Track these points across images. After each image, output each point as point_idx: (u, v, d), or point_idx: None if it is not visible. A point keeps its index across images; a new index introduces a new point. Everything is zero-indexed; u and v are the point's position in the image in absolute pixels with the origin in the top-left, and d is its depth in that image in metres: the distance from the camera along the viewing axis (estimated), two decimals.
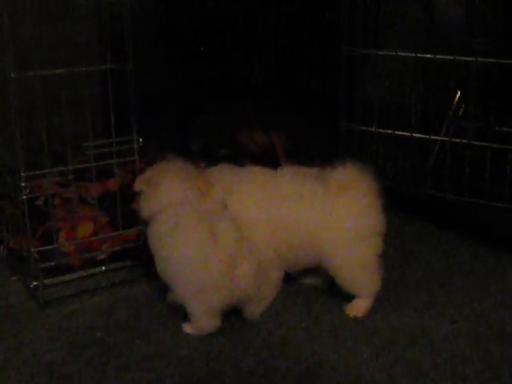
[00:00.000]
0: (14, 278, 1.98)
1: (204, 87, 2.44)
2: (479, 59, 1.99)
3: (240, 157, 2.42)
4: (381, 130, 2.22)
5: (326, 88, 2.37)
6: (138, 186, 1.81)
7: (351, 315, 1.79)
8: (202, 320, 1.70)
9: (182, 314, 1.76)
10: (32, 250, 1.84)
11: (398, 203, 2.29)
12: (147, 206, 1.79)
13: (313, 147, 1.79)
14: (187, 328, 1.72)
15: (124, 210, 2.01)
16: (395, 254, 2.13)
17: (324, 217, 1.76)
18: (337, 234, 1.76)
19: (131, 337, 1.70)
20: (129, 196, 2.15)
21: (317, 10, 2.40)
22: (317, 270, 1.84)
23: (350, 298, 1.82)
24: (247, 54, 2.49)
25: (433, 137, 2.15)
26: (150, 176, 1.79)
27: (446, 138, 2.13)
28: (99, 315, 1.80)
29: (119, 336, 1.71)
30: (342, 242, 1.76)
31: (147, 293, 1.91)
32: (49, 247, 1.90)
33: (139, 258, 1.99)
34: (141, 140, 1.87)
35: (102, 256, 1.98)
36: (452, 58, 2.03)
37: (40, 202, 2.22)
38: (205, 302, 1.67)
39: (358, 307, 1.80)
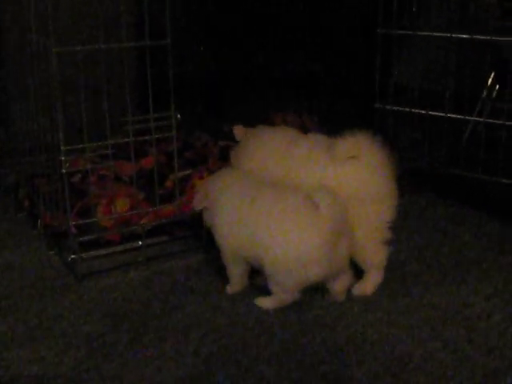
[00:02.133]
0: (52, 253, 2.01)
1: (242, 72, 2.45)
2: None
3: None
4: (415, 111, 2.22)
5: (362, 69, 2.37)
6: (197, 206, 1.83)
7: (357, 294, 1.78)
8: (289, 293, 1.68)
9: (218, 288, 1.81)
10: (70, 223, 1.87)
11: (432, 183, 2.31)
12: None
13: (347, 127, 1.79)
14: (265, 302, 1.72)
15: (159, 189, 2.04)
16: (428, 234, 2.14)
17: (325, 182, 1.75)
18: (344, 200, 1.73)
19: (168, 309, 1.73)
20: (163, 175, 2.20)
21: None
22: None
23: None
24: (285, 40, 2.49)
25: (467, 117, 2.14)
26: (207, 192, 1.81)
27: (480, 119, 2.13)
28: (136, 289, 1.83)
29: (156, 308, 1.73)
30: (350, 208, 1.72)
31: (183, 267, 1.94)
32: (88, 221, 1.93)
33: (176, 232, 2.03)
34: (179, 116, 1.88)
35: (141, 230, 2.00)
36: (488, 38, 2.03)
37: (76, 179, 2.26)
38: (302, 276, 1.64)
39: (365, 286, 1.80)
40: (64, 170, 1.79)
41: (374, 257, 1.80)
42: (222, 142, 2.55)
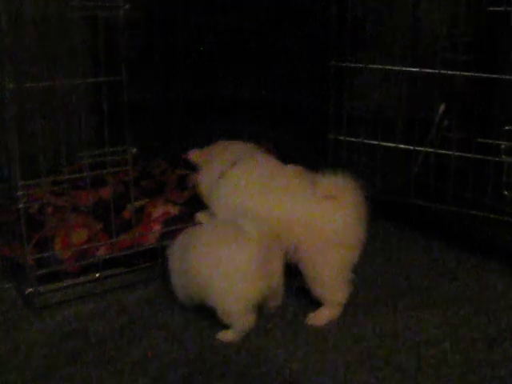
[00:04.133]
0: (8, 285, 2.02)
1: (194, 101, 2.50)
2: (462, 73, 2.07)
3: None
4: (367, 141, 2.28)
5: (317, 100, 2.43)
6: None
7: (309, 323, 1.83)
8: (242, 318, 1.74)
9: (175, 319, 1.84)
10: (29, 257, 1.88)
11: (384, 212, 2.37)
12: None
13: (302, 157, 1.85)
14: (226, 335, 1.76)
15: (117, 218, 2.06)
16: (381, 261, 2.19)
17: (307, 218, 1.81)
18: (315, 238, 1.80)
19: (126, 342, 1.75)
20: (121, 205, 2.22)
21: (306, 23, 2.46)
22: None
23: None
24: (235, 69, 2.55)
25: (417, 148, 2.21)
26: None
27: (430, 149, 2.19)
28: (94, 321, 1.84)
29: (114, 342, 1.75)
30: (319, 247, 1.80)
31: (140, 298, 1.95)
32: (46, 254, 1.94)
33: (133, 264, 2.05)
34: (134, 150, 1.91)
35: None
36: (437, 71, 2.10)
37: (33, 210, 2.26)
38: (240, 296, 1.72)
39: (320, 316, 1.84)
40: (21, 205, 1.80)
41: (337, 296, 1.85)
42: (180, 170, 2.58)
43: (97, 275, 1.99)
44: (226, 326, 1.76)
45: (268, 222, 1.79)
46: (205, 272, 1.75)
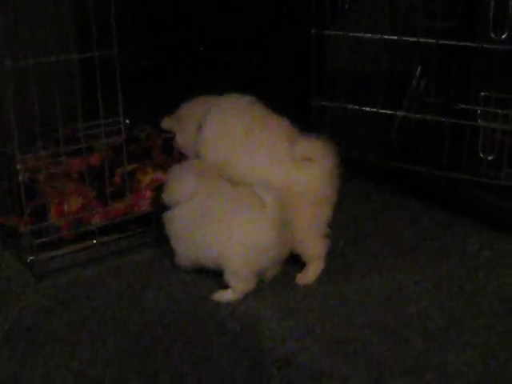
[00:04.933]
0: (7, 254, 2.09)
1: (181, 67, 2.54)
2: (440, 41, 2.16)
3: None
4: (349, 106, 2.37)
5: (298, 68, 2.50)
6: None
7: (300, 283, 1.94)
8: (245, 283, 1.84)
9: (171, 281, 1.93)
10: (27, 227, 1.95)
11: (365, 174, 2.47)
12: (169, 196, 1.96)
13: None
14: (224, 295, 1.86)
15: (108, 185, 2.13)
16: (364, 223, 2.30)
17: (283, 179, 1.90)
18: (290, 196, 1.89)
19: (126, 305, 1.84)
20: (111, 170, 2.28)
21: None
22: None
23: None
24: (219, 36, 2.59)
25: (397, 112, 2.30)
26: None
27: (409, 114, 2.28)
28: (93, 286, 1.93)
29: (113, 305, 1.84)
30: (293, 205, 1.89)
31: (137, 263, 2.04)
32: (43, 224, 2.00)
33: (128, 230, 2.13)
34: (127, 121, 1.97)
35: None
36: (416, 39, 2.19)
37: (25, 178, 2.31)
38: (255, 264, 1.83)
39: (307, 275, 1.95)
40: (21, 178, 1.87)
41: (315, 250, 1.96)
42: (166, 134, 2.63)
43: (94, 242, 2.07)
44: (224, 287, 1.87)
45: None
46: (225, 234, 1.83)
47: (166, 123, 2.18)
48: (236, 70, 2.57)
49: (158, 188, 2.17)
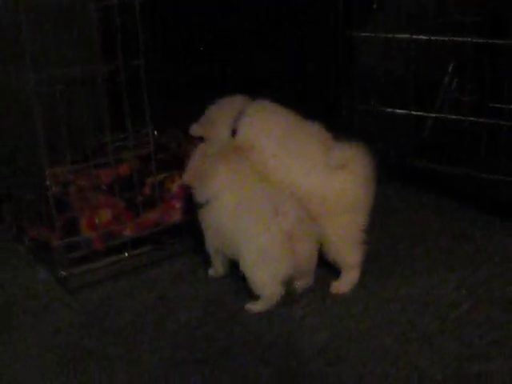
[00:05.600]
0: (41, 269, 2.08)
1: (210, 74, 2.53)
2: (474, 40, 2.10)
3: None
4: (380, 108, 2.33)
5: (328, 70, 2.47)
6: (188, 181, 1.95)
7: (335, 292, 1.90)
8: (270, 288, 1.82)
9: (205, 292, 1.91)
10: (59, 242, 1.94)
11: (399, 177, 2.43)
12: (201, 193, 1.93)
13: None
14: (255, 307, 1.84)
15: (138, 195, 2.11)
16: (398, 224, 2.26)
17: (318, 188, 1.87)
18: (325, 205, 1.87)
19: (159, 317, 1.82)
20: (140, 181, 2.27)
21: None
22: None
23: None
24: (248, 42, 2.57)
25: (430, 114, 2.25)
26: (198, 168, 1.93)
27: (442, 115, 2.23)
28: (127, 299, 1.91)
29: (148, 317, 1.83)
30: (329, 213, 1.87)
31: (169, 275, 2.02)
32: (74, 238, 1.99)
33: (161, 240, 2.11)
34: (155, 132, 1.96)
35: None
36: (447, 38, 2.13)
37: (55, 191, 2.31)
38: (269, 270, 1.80)
39: (343, 284, 1.91)
40: (51, 193, 1.86)
41: (352, 258, 1.91)
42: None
43: (126, 254, 2.05)
44: (255, 298, 1.84)
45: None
46: (242, 238, 1.83)
47: (195, 130, 2.14)
48: (265, 76, 2.54)
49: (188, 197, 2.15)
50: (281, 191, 1.86)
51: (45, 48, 1.87)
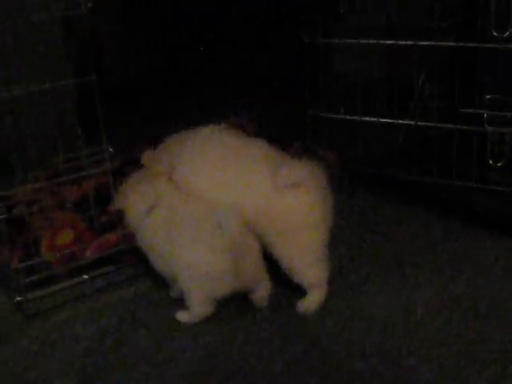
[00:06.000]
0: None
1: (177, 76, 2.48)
2: (440, 43, 2.03)
3: None
4: (348, 117, 2.26)
5: (295, 77, 2.40)
6: (117, 205, 1.95)
7: (300, 311, 1.83)
8: (201, 307, 1.79)
9: (166, 317, 1.84)
10: (16, 266, 1.88)
11: (369, 186, 2.36)
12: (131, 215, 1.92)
13: (282, 133, 1.85)
14: (182, 317, 1.81)
15: (103, 214, 2.05)
16: (368, 236, 2.17)
17: (268, 210, 1.81)
18: (279, 226, 1.81)
19: (118, 343, 1.75)
20: (107, 197, 2.20)
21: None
22: None
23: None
24: (213, 46, 2.52)
25: (400, 121, 2.19)
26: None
27: (411, 122, 2.17)
28: (85, 324, 1.84)
29: (106, 343, 1.76)
30: (284, 234, 1.81)
31: (130, 297, 1.95)
32: (32, 262, 1.92)
33: (123, 261, 2.04)
34: (110, 149, 1.90)
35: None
36: (413, 43, 2.06)
37: (19, 211, 2.24)
38: (209, 290, 1.76)
39: (307, 303, 1.84)
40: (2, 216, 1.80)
41: (314, 277, 1.84)
42: None
43: (85, 277, 1.98)
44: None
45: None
46: (180, 256, 1.78)
47: (146, 158, 2.07)
48: (232, 76, 2.49)
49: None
50: (220, 205, 1.79)
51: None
